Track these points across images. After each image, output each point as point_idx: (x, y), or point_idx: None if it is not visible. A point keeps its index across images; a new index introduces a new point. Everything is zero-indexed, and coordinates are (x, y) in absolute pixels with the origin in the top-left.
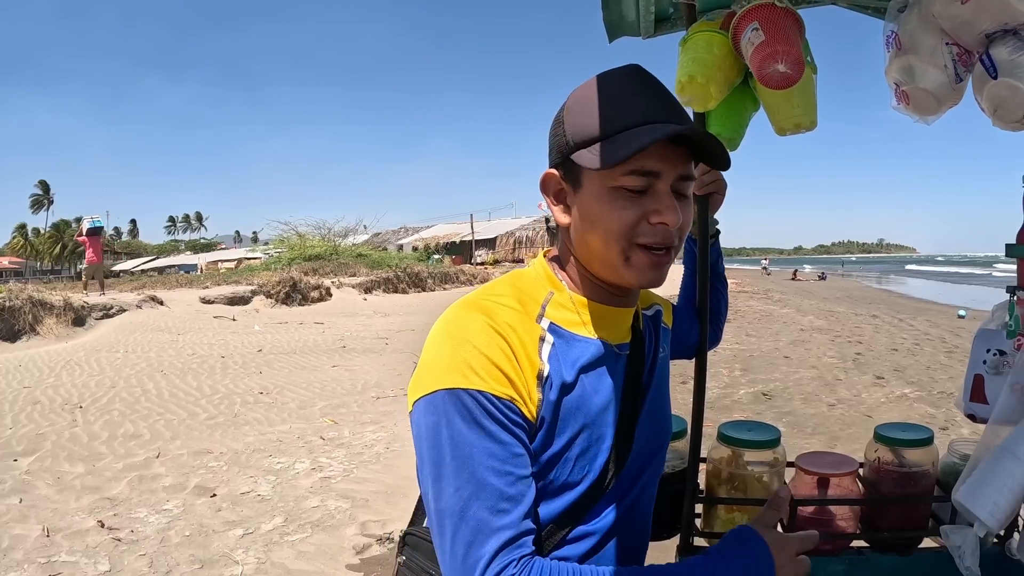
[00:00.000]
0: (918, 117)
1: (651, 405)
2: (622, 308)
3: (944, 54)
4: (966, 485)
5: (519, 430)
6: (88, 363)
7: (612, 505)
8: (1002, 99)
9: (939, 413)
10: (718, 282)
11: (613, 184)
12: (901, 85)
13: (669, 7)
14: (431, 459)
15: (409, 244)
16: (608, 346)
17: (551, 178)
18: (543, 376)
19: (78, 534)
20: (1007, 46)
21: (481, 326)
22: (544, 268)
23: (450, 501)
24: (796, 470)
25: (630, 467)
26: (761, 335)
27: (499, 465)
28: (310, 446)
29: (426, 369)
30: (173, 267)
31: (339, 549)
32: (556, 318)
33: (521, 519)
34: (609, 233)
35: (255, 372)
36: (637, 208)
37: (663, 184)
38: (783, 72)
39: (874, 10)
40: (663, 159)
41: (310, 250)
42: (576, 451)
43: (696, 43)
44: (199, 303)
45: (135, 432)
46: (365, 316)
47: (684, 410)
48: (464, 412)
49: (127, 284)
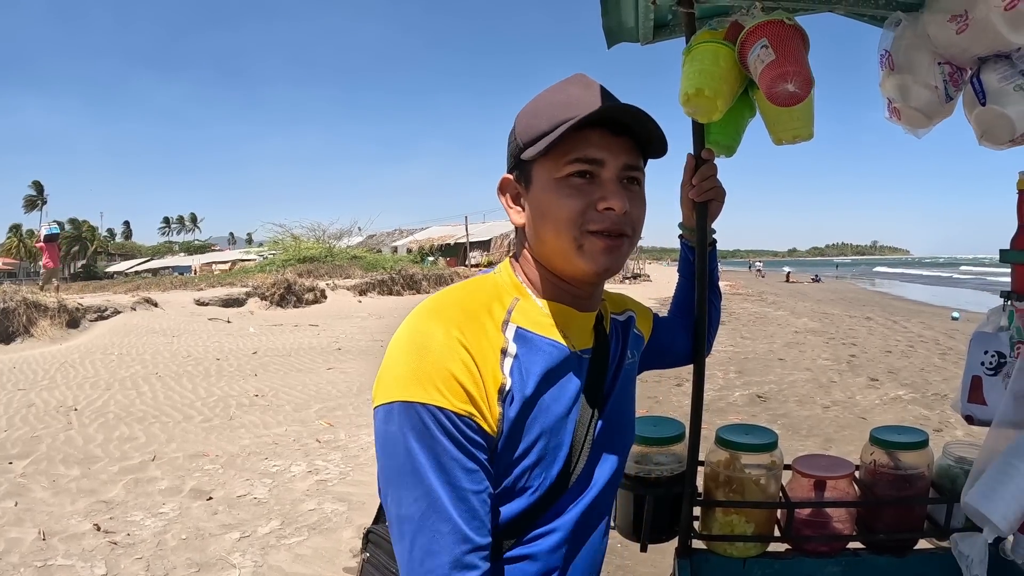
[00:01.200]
0: (909, 130)
1: (611, 411)
2: (584, 312)
3: (936, 74)
4: (976, 490)
5: (475, 448)
6: (83, 365)
7: (567, 509)
8: (990, 125)
9: (933, 415)
10: (711, 292)
11: (559, 175)
12: (893, 102)
13: (668, 14)
14: (389, 467)
15: (404, 246)
16: (571, 351)
17: (507, 182)
18: (504, 390)
19: (74, 537)
20: (997, 72)
21: (444, 336)
22: (509, 274)
23: (408, 510)
24: (793, 473)
25: (586, 472)
26: (756, 337)
27: (453, 480)
28: (306, 449)
29: (387, 376)
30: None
31: (336, 552)
32: (522, 323)
33: (475, 533)
34: (559, 222)
35: (250, 375)
36: (583, 196)
37: (608, 172)
38: (792, 92)
39: (870, 18)
40: (605, 148)
41: (305, 252)
42: (533, 459)
43: (702, 54)
44: (193, 305)
45: (130, 435)
46: (360, 318)
47: (681, 413)
48: (421, 427)
49: (121, 286)
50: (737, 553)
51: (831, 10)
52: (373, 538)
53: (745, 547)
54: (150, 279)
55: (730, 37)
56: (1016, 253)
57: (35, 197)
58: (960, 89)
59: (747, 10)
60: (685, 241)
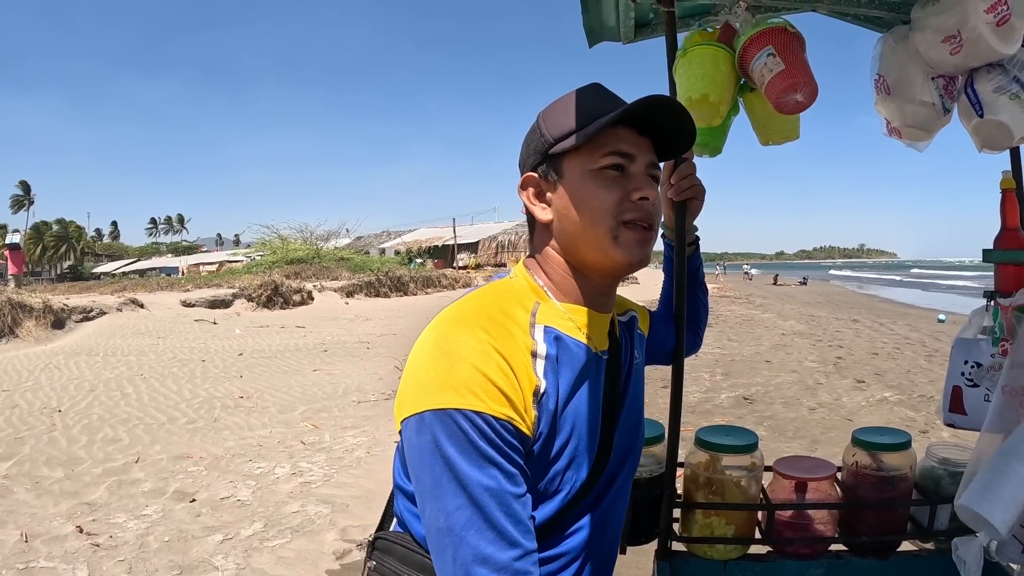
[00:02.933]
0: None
1: (627, 412)
2: (603, 313)
3: (931, 90)
4: (971, 492)
5: (513, 452)
6: (67, 366)
7: (589, 511)
8: (990, 135)
9: (919, 416)
10: (699, 290)
11: (594, 167)
12: (891, 123)
13: (649, 12)
14: (426, 479)
15: (391, 248)
16: (592, 352)
17: (530, 179)
18: (539, 392)
19: (56, 539)
20: (992, 82)
21: (476, 342)
22: (526, 278)
23: (452, 520)
24: (774, 474)
25: (608, 473)
26: (743, 339)
27: (497, 485)
28: (290, 451)
29: (414, 385)
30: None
31: (319, 555)
32: (550, 323)
33: (523, 538)
34: (596, 212)
35: (236, 376)
36: (619, 187)
37: (638, 166)
38: (800, 101)
39: (853, 17)
40: (635, 144)
41: (292, 253)
42: (565, 461)
43: (701, 58)
44: (180, 306)
45: (114, 436)
46: (347, 320)
47: (662, 414)
48: (458, 433)
49: (108, 287)
50: (718, 555)
51: (814, 9)
52: (381, 544)
53: (726, 549)
54: (137, 280)
55: (723, 39)
56: (999, 253)
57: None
58: (955, 99)
59: (729, 8)
60: (668, 241)
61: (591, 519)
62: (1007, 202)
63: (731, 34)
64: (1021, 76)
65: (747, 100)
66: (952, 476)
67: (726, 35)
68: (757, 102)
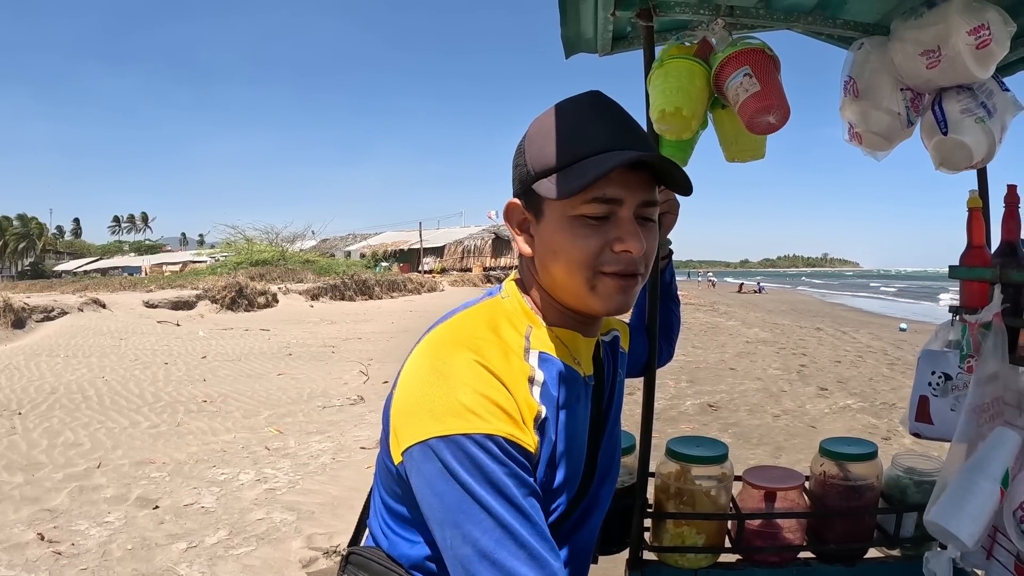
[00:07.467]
0: (869, 152)
1: (609, 432)
2: (590, 338)
3: (898, 100)
4: (940, 507)
5: (524, 471)
6: (28, 367)
7: (570, 530)
8: (950, 154)
9: (881, 424)
10: (672, 302)
11: (574, 213)
12: (855, 127)
13: (627, 26)
14: (442, 507)
15: (357, 251)
16: (581, 377)
17: (514, 208)
18: (540, 418)
19: (17, 547)
20: (960, 103)
21: (474, 367)
22: (519, 300)
23: (479, 545)
24: (744, 484)
25: (591, 493)
26: (707, 347)
27: (518, 505)
28: (255, 456)
29: (417, 412)
30: (117, 269)
31: (285, 563)
32: (543, 349)
33: (550, 555)
34: (572, 263)
35: (199, 379)
36: (599, 236)
37: (625, 211)
38: (771, 123)
39: (828, 37)
40: (624, 186)
41: (257, 255)
42: (556, 487)
43: (677, 71)
44: (143, 307)
45: (75, 440)
46: (312, 323)
47: (633, 423)
48: (467, 459)
49: (69, 285)
50: (688, 564)
51: (790, 28)
52: (356, 560)
53: (696, 558)
54: (99, 279)
55: (700, 54)
56: (965, 270)
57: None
58: (920, 114)
59: (707, 25)
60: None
61: (570, 536)
62: (973, 221)
63: (708, 50)
64: (988, 102)
65: (717, 116)
66: (918, 485)
67: (703, 50)
68: (727, 119)
